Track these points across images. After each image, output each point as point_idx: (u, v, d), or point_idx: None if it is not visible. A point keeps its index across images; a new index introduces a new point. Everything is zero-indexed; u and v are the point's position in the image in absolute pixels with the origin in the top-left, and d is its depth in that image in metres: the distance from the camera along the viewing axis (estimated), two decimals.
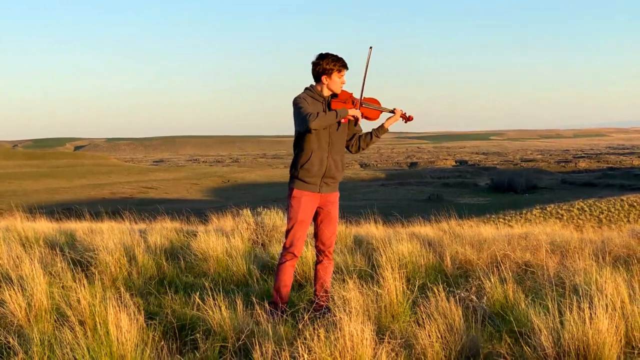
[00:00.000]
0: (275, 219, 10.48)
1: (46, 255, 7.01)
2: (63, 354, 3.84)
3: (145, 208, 12.90)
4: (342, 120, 5.38)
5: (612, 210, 58.22)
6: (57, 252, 7.12)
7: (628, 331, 4.52)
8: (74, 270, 6.01)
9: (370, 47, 5.44)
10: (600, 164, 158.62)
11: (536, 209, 56.95)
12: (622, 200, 61.74)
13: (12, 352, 4.04)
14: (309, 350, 3.82)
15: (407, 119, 5.58)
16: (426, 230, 12.68)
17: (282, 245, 6.15)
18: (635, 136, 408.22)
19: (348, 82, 5.49)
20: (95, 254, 7.12)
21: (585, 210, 57.81)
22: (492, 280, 5.72)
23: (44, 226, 12.01)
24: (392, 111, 5.57)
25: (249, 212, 11.09)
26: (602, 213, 56.52)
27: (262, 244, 9.42)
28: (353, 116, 5.36)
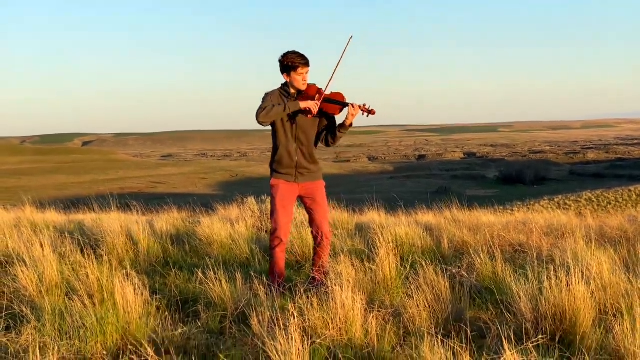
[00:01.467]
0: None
1: (55, 239, 7.28)
2: (73, 321, 4.12)
3: (153, 202, 13.14)
4: (307, 116, 5.59)
5: (620, 200, 58.28)
6: (66, 236, 7.39)
7: (606, 300, 4.77)
8: (83, 252, 6.29)
9: (351, 37, 5.57)
10: (608, 154, 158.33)
11: (544, 199, 57.03)
12: (630, 190, 61.82)
13: (25, 320, 4.32)
14: (303, 317, 4.08)
15: (368, 112, 5.59)
16: (428, 217, 12.89)
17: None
18: None
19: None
20: (102, 237, 7.41)
21: (593, 201, 57.90)
22: (482, 257, 5.98)
23: (53, 216, 12.29)
24: (352, 106, 5.60)
25: (254, 200, 11.36)
26: (610, 203, 56.55)
27: (266, 231, 9.68)
28: (306, 108, 5.51)
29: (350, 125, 5.70)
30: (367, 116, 5.66)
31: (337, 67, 5.54)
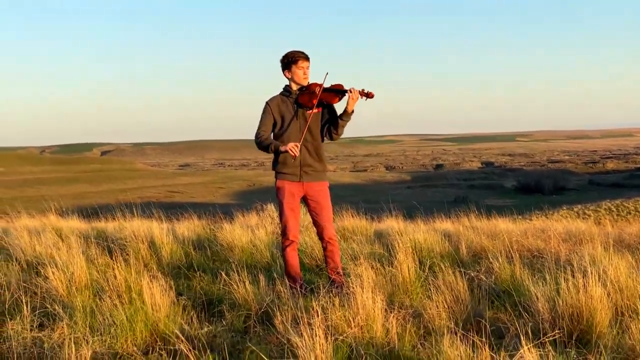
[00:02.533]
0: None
1: (81, 244, 7.45)
2: (104, 319, 4.27)
3: (172, 211, 13.31)
4: (311, 111, 5.70)
5: None
6: (92, 240, 7.56)
7: (622, 301, 4.86)
8: (110, 255, 6.45)
9: (326, 73, 5.67)
10: (628, 164, 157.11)
11: (562, 209, 56.70)
12: None
13: (57, 318, 4.47)
14: (325, 315, 4.20)
15: (366, 95, 5.63)
16: (446, 225, 12.97)
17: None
18: None
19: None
20: (126, 242, 7.57)
21: (613, 211, 57.49)
22: (501, 261, 6.07)
23: (76, 224, 12.49)
24: (350, 91, 5.64)
25: (273, 207, 11.51)
26: (630, 213, 56.10)
27: None
28: (288, 150, 5.61)
29: (352, 112, 5.73)
30: (366, 100, 5.69)
31: (324, 79, 5.67)
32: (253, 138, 5.80)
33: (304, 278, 6.06)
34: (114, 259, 5.57)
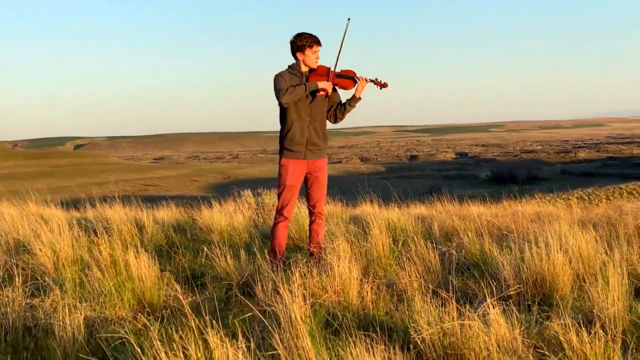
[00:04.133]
0: (275, 199, 11.05)
1: (64, 226, 7.61)
2: (93, 289, 4.47)
3: (148, 204, 13.44)
4: (318, 93, 5.93)
5: (611, 198, 58.61)
6: (74, 224, 7.71)
7: (585, 270, 5.14)
8: (93, 235, 6.63)
9: (348, 19, 5.97)
10: (600, 153, 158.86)
11: (535, 198, 57.35)
12: (621, 188, 62.30)
13: (48, 289, 4.66)
14: (304, 285, 4.43)
15: (381, 85, 5.96)
16: (420, 210, 13.26)
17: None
18: (636, 125, 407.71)
19: (326, 55, 6.04)
20: (109, 225, 7.74)
21: (585, 199, 58.18)
22: (470, 236, 6.33)
23: (56, 212, 12.58)
24: (365, 79, 5.97)
25: (250, 192, 11.69)
26: (601, 201, 56.92)
27: (263, 222, 10.01)
28: (323, 89, 5.88)
29: (359, 98, 6.06)
30: (380, 89, 6.01)
31: (341, 48, 5.91)
32: (277, 95, 5.82)
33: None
34: (98, 237, 5.76)
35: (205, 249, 5.61)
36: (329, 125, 6.28)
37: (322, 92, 5.92)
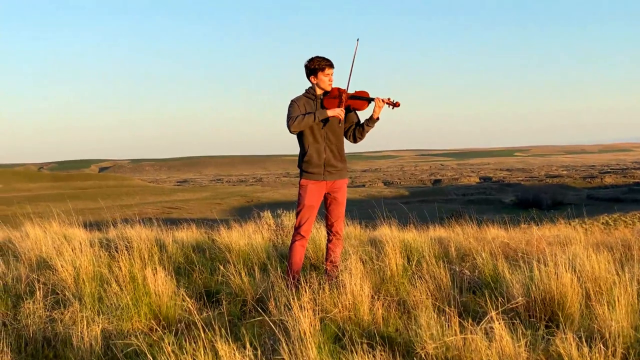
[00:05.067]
0: (294, 219, 11.17)
1: (85, 244, 7.79)
2: (110, 303, 4.61)
3: (170, 226, 13.64)
4: (332, 116, 6.01)
5: (638, 223, 58.11)
6: (95, 242, 7.88)
7: (595, 289, 5.19)
8: (112, 253, 6.78)
9: (357, 40, 6.11)
10: (626, 179, 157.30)
11: (560, 223, 56.87)
12: None
13: (68, 303, 4.81)
14: (314, 300, 4.54)
15: (393, 105, 6.06)
16: (439, 232, 13.32)
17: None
18: None
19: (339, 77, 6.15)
20: (129, 244, 7.89)
21: (610, 224, 57.71)
22: (484, 256, 6.40)
23: (78, 232, 12.80)
24: (381, 100, 6.04)
25: (270, 214, 11.83)
26: (627, 227, 56.35)
27: (282, 243, 10.13)
28: (333, 116, 5.97)
29: (377, 119, 6.14)
30: (393, 108, 6.11)
31: (352, 69, 6.03)
32: (287, 124, 5.94)
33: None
34: (118, 254, 5.91)
35: (222, 267, 5.73)
36: (352, 146, 6.41)
37: (336, 116, 6.04)
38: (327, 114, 5.97)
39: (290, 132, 5.99)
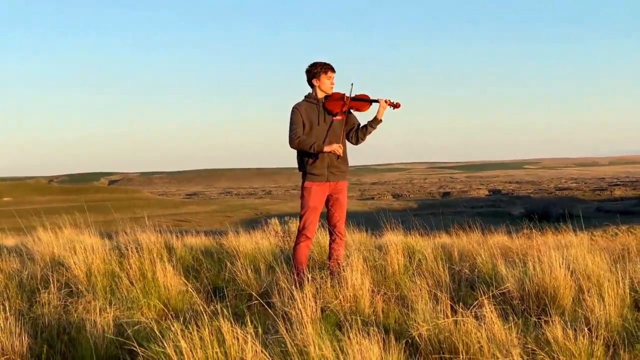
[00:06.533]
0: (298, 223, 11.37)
1: (97, 245, 8.01)
2: (122, 296, 4.82)
3: (179, 235, 13.90)
4: (334, 118, 6.24)
5: None
6: (107, 244, 8.10)
7: (589, 285, 5.37)
8: (122, 253, 7.01)
9: (352, 84, 6.28)
10: (636, 191, 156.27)
11: (565, 231, 56.81)
12: None
13: (81, 295, 5.03)
14: (317, 291, 4.73)
15: (394, 106, 6.28)
16: (444, 239, 13.50)
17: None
18: None
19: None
20: (139, 245, 8.11)
21: (619, 235, 57.62)
22: (484, 256, 6.58)
23: (88, 238, 13.04)
24: (378, 101, 6.28)
25: (277, 220, 12.04)
26: (637, 239, 56.24)
27: (289, 247, 10.32)
28: (332, 150, 6.12)
29: (381, 120, 6.34)
30: (394, 109, 6.31)
31: (351, 90, 6.23)
32: (289, 135, 6.18)
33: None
34: (128, 252, 6.13)
35: (229, 263, 5.94)
36: (361, 159, 6.63)
37: (338, 118, 6.25)
38: (324, 149, 6.11)
39: (290, 147, 6.24)
